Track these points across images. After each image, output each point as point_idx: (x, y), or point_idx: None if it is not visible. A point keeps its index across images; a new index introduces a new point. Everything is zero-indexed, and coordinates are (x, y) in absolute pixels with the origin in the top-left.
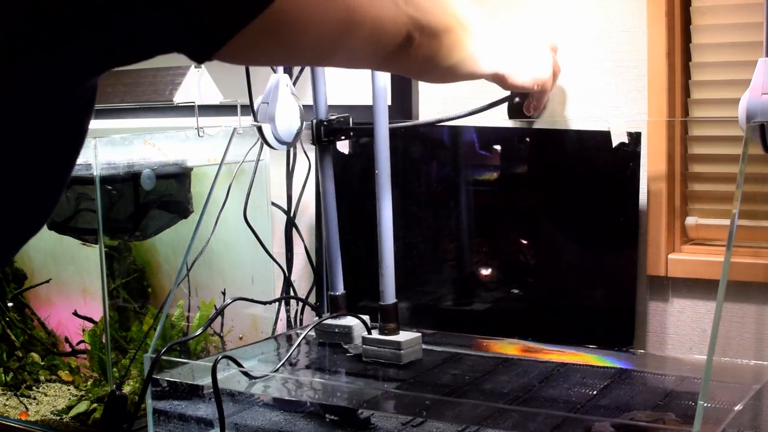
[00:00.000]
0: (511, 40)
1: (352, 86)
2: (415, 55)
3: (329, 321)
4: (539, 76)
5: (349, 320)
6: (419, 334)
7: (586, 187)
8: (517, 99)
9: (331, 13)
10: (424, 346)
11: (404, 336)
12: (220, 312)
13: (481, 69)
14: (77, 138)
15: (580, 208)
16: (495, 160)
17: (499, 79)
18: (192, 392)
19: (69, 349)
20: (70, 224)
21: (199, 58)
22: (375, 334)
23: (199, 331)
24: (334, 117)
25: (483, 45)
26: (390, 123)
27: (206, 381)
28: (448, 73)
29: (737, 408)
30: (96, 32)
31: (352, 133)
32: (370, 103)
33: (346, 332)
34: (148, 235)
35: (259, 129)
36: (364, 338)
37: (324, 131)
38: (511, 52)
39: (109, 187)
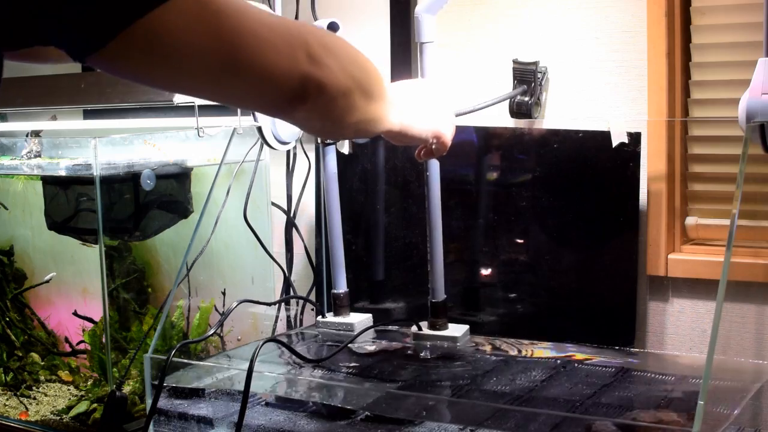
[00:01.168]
0: (411, 97)
1: None
2: (309, 112)
3: (332, 319)
4: (436, 129)
5: (352, 317)
6: (467, 327)
7: (587, 187)
8: (518, 98)
9: (207, 44)
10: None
11: (457, 329)
12: (228, 314)
13: (378, 130)
14: None
15: (581, 208)
16: (495, 160)
17: (394, 136)
18: (192, 392)
19: (69, 349)
20: (70, 224)
21: (77, 57)
22: (425, 330)
23: (210, 332)
24: None
25: (381, 108)
26: None
27: (209, 381)
28: (343, 133)
29: (737, 408)
30: None
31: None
32: None
33: (349, 330)
34: (148, 235)
35: (259, 129)
36: (415, 334)
37: None
38: (409, 109)
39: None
